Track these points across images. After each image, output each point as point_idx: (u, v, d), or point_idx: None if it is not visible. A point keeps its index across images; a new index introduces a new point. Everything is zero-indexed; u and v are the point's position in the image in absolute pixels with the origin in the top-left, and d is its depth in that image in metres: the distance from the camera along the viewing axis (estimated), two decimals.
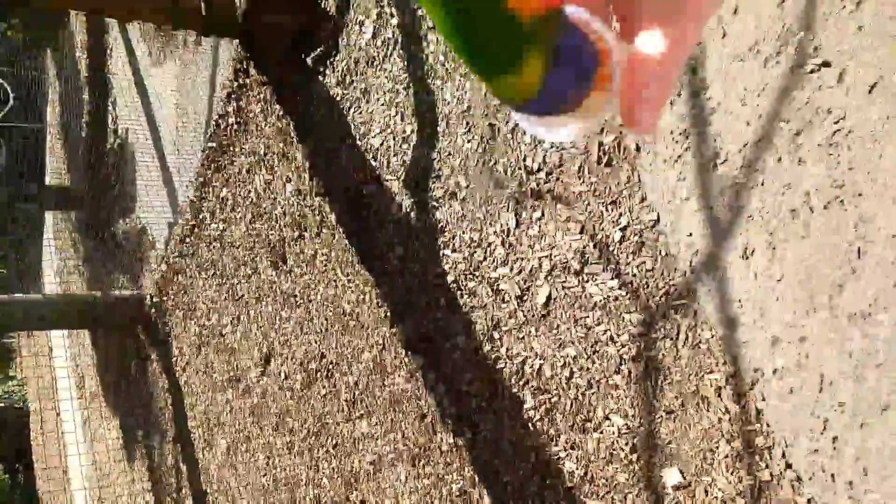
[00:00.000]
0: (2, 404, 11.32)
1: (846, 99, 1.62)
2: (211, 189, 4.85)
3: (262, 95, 4.13)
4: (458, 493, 2.69)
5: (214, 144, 4.74)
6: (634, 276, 2.10)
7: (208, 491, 4.79)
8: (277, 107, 3.98)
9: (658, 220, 2.05)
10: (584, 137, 0.51)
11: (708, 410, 1.94)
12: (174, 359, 5.00)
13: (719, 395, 1.92)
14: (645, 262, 2.07)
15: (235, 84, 4.39)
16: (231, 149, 4.56)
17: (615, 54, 0.48)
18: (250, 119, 4.31)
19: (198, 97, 5.15)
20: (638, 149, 2.08)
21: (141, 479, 6.39)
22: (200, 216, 4.99)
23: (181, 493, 5.32)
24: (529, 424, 2.43)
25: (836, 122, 1.65)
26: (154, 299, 5.48)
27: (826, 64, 1.68)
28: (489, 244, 2.63)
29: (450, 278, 2.81)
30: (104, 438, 7.35)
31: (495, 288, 2.59)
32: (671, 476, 2.00)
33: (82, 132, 7.64)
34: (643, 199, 2.08)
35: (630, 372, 2.12)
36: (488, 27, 0.44)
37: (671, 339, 2.02)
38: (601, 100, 0.52)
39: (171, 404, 5.19)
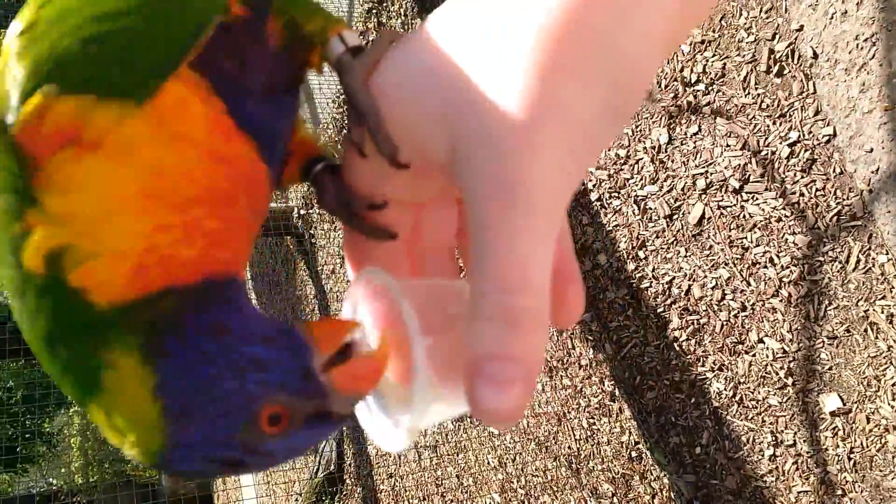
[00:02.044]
0: None
1: None
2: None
3: (402, 9, 4.13)
4: (596, 406, 2.75)
5: None
6: (802, 195, 1.98)
7: None
8: (418, 21, 3.97)
9: (834, 134, 1.90)
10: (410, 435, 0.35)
11: (877, 337, 1.84)
12: (320, 267, 5.33)
13: (891, 322, 1.81)
14: (815, 181, 1.94)
15: None
16: None
17: (412, 330, 0.34)
18: None
19: (338, 12, 5.22)
20: (815, 56, 1.92)
21: None
22: (342, 132, 5.17)
23: None
24: (675, 344, 2.41)
25: None
26: (301, 211, 5.81)
27: None
28: (637, 161, 2.56)
29: (593, 196, 2.78)
30: None
31: (642, 206, 2.53)
32: (830, 401, 1.94)
33: None
34: (817, 112, 1.93)
35: (790, 296, 2.04)
36: (49, 313, 0.30)
37: (840, 262, 1.91)
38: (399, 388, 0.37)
39: (318, 308, 5.58)
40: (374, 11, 4.44)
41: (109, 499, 10.56)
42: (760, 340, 2.13)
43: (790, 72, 2.00)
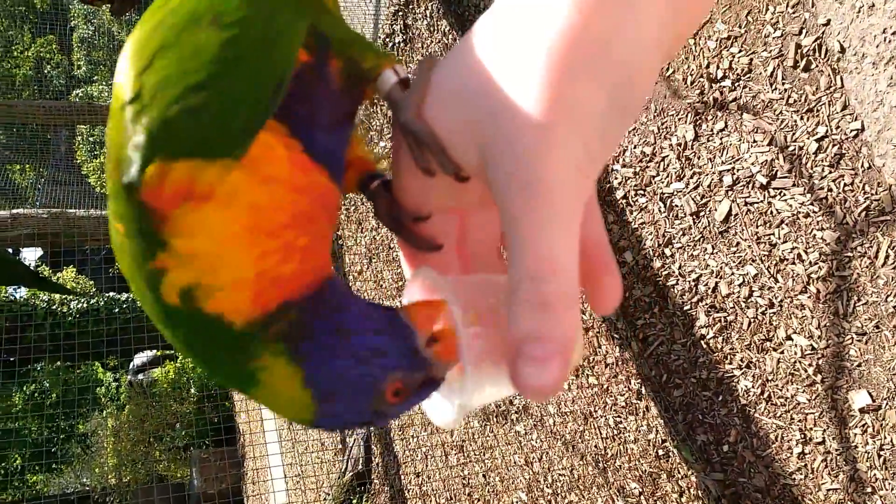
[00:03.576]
0: None
1: None
2: (379, 108, 5.04)
3: (428, 11, 4.17)
4: (623, 404, 2.74)
5: None
6: (830, 190, 1.97)
7: None
8: (444, 23, 4.00)
9: (862, 129, 1.89)
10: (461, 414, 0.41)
11: None
12: (347, 268, 5.40)
13: None
14: (843, 176, 1.93)
15: (402, 1, 4.45)
16: None
17: (458, 322, 0.39)
18: (417, 36, 4.38)
19: (364, 17, 5.28)
20: (842, 50, 1.91)
21: None
22: (368, 137, 5.22)
23: None
24: (702, 342, 2.40)
25: None
26: None
27: None
28: (663, 158, 2.56)
29: (619, 194, 2.78)
30: None
31: (669, 204, 2.53)
32: (859, 398, 1.92)
33: None
34: (845, 107, 1.92)
35: (818, 292, 2.02)
36: (197, 337, 0.38)
37: (869, 258, 1.89)
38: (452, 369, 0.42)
39: None
40: (400, 14, 4.49)
41: (142, 498, 10.74)
42: (788, 337, 2.12)
43: (817, 66, 1.98)
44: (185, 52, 0.35)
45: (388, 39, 4.72)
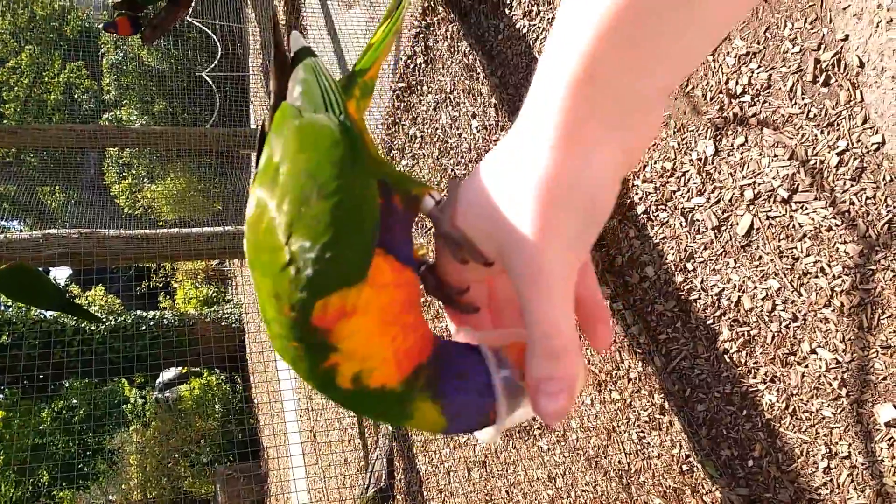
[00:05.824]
0: (223, 323, 12.98)
1: None
2: (400, 127, 5.11)
3: (449, 33, 4.23)
4: (646, 419, 2.74)
5: (403, 84, 4.96)
6: (852, 203, 1.97)
7: None
8: (464, 43, 4.06)
9: (883, 142, 1.89)
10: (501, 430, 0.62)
11: None
12: None
13: None
14: (865, 189, 1.93)
15: (423, 23, 4.53)
16: (419, 87, 4.75)
17: (492, 366, 0.55)
18: (437, 57, 4.44)
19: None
20: (861, 64, 1.92)
21: None
22: (391, 153, 5.30)
23: None
24: (725, 356, 2.40)
25: None
26: None
27: None
28: (683, 173, 2.57)
29: (640, 209, 2.80)
30: None
31: (690, 218, 2.54)
32: (884, 412, 1.91)
33: None
34: (865, 120, 1.93)
35: (842, 305, 2.02)
36: (371, 404, 0.55)
37: (893, 270, 1.89)
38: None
39: None
40: (421, 35, 4.56)
41: None
42: (813, 351, 2.11)
43: (837, 81, 2.00)
44: (311, 223, 0.51)
45: (409, 61, 4.79)
